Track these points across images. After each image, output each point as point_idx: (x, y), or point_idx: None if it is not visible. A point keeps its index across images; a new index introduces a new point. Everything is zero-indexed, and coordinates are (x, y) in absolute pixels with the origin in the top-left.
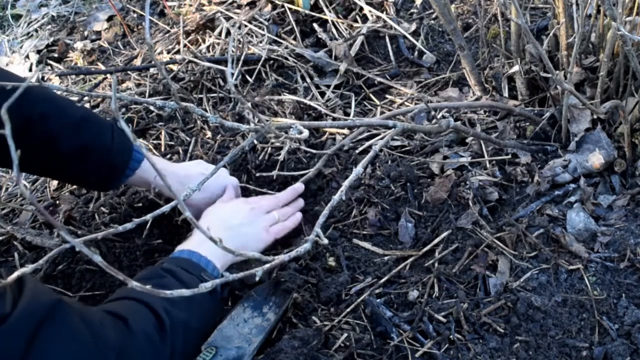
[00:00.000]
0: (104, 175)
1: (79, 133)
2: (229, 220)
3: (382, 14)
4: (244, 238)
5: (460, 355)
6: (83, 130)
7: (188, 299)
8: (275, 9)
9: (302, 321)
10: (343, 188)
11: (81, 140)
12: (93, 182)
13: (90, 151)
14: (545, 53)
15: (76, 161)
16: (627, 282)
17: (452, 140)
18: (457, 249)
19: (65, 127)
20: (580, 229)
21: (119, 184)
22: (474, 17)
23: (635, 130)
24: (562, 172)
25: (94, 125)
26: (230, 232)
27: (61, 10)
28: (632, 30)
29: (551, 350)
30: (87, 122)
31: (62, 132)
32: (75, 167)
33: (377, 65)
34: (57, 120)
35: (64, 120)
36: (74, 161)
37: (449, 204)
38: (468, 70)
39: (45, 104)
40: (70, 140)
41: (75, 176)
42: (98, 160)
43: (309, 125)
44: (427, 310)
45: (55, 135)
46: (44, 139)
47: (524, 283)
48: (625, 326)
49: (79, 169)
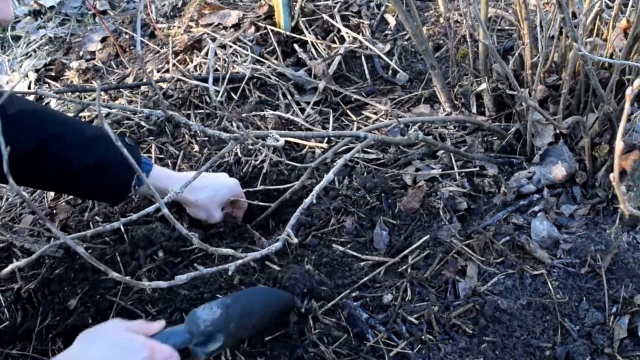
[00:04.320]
0: (117, 188)
1: (90, 151)
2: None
3: (359, 35)
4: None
5: (432, 355)
6: (94, 148)
7: None
8: (259, 31)
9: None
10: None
11: (93, 157)
12: (106, 196)
13: (102, 167)
14: (511, 72)
15: (89, 178)
16: (587, 287)
17: (424, 153)
18: (429, 256)
19: (78, 147)
20: (544, 237)
21: (129, 195)
22: (445, 38)
23: (595, 145)
24: (527, 183)
25: (104, 142)
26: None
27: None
28: (593, 50)
29: (517, 350)
30: (97, 140)
31: (75, 151)
32: (89, 183)
33: (354, 83)
34: (70, 140)
35: (76, 140)
36: (87, 178)
37: (421, 213)
38: (439, 88)
39: (58, 125)
40: (83, 158)
41: (89, 192)
42: (110, 175)
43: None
44: (400, 312)
45: (69, 155)
46: (59, 159)
47: (491, 287)
48: (586, 328)
49: (93, 185)
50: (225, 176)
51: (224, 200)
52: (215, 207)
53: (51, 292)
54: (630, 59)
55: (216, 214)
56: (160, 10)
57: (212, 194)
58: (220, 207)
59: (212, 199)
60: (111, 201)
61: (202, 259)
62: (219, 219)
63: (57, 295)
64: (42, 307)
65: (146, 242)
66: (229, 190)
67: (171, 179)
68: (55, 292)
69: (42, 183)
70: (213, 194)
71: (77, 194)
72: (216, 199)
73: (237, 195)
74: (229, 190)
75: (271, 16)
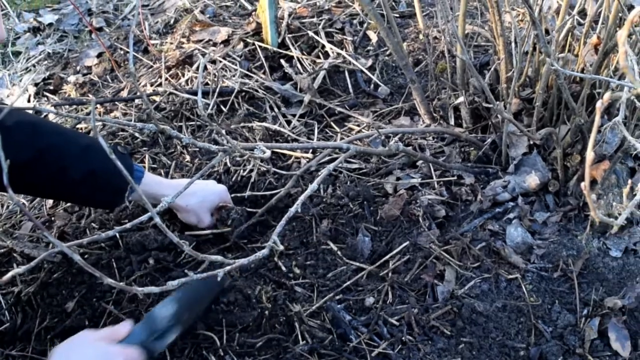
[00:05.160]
0: (111, 196)
1: (85, 160)
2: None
3: (342, 51)
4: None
5: (412, 355)
6: (89, 156)
7: None
8: (247, 47)
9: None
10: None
11: (88, 165)
12: (101, 202)
13: (96, 175)
14: (487, 86)
15: (85, 185)
16: (560, 290)
17: (404, 163)
18: (409, 260)
19: (74, 155)
20: (518, 243)
21: (124, 200)
22: (424, 53)
23: (567, 155)
24: (502, 191)
25: (98, 151)
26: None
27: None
28: (564, 65)
29: (492, 351)
30: (91, 149)
31: (71, 160)
32: (84, 191)
33: (338, 96)
34: (65, 150)
35: (72, 149)
36: (82, 186)
37: (401, 220)
38: (418, 101)
39: (54, 136)
40: (79, 166)
41: (85, 199)
42: (104, 182)
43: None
44: (382, 314)
45: (65, 164)
46: (56, 167)
47: (468, 290)
48: (558, 329)
49: (88, 193)
50: (214, 183)
51: (213, 205)
52: (204, 212)
53: (49, 295)
54: (600, 73)
55: (205, 218)
56: (153, 27)
57: (200, 199)
58: (209, 212)
59: (201, 204)
60: (107, 207)
61: (192, 265)
62: (208, 223)
63: (55, 298)
64: (41, 309)
65: (140, 248)
66: (217, 195)
67: (162, 185)
68: (53, 295)
69: (39, 191)
70: (202, 199)
71: (73, 201)
72: (205, 204)
73: (224, 201)
74: (217, 195)
75: (259, 32)
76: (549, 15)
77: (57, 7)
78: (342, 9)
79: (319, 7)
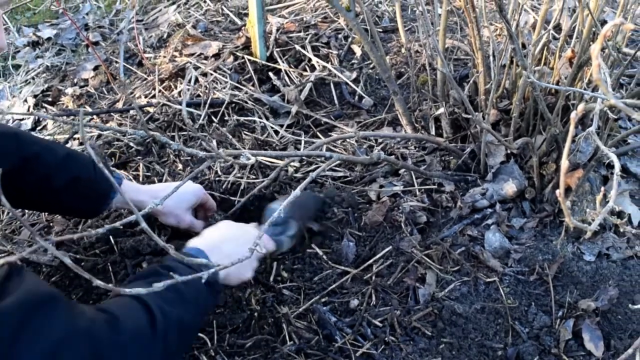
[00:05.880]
0: (92, 202)
1: (67, 168)
2: (242, 242)
3: (328, 64)
4: (240, 248)
5: (394, 355)
6: (70, 165)
7: (183, 297)
8: (237, 60)
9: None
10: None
11: (70, 173)
12: (84, 210)
13: (78, 183)
14: (466, 97)
15: (68, 193)
16: (536, 292)
17: (387, 171)
18: (392, 264)
19: (56, 164)
20: (496, 247)
21: (106, 207)
22: (406, 66)
23: (543, 163)
24: (481, 198)
25: (78, 160)
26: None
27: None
28: (540, 78)
29: (471, 351)
30: (72, 157)
31: (53, 169)
32: (67, 199)
33: (323, 107)
34: (48, 159)
35: (54, 158)
36: (65, 193)
37: (384, 226)
38: (401, 112)
39: (36, 145)
40: (61, 174)
41: (68, 206)
42: (86, 190)
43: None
44: (366, 316)
45: (48, 172)
46: (39, 176)
47: (448, 293)
48: (534, 330)
49: (71, 200)
50: (190, 183)
51: (190, 205)
52: (182, 212)
53: None
54: (574, 85)
55: (184, 218)
56: (147, 41)
57: (176, 200)
58: (187, 212)
59: (177, 204)
60: (89, 215)
61: None
62: (188, 222)
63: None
64: None
65: (134, 253)
66: (193, 195)
67: (139, 191)
68: None
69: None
70: (177, 199)
71: (57, 210)
72: (182, 204)
73: (202, 199)
74: (193, 195)
75: (248, 46)
76: (525, 30)
77: (55, 22)
78: (327, 24)
79: (306, 22)
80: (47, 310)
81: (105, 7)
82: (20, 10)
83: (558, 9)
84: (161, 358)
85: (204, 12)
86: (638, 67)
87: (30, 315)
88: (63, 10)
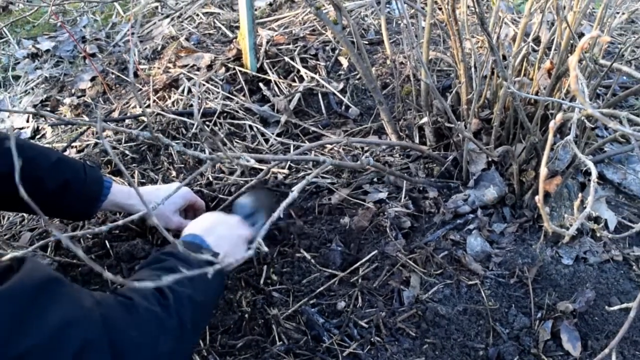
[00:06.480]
0: (83, 204)
1: (58, 172)
2: (231, 225)
3: (316, 75)
4: (229, 234)
5: (380, 355)
6: (61, 169)
7: (191, 277)
8: (228, 71)
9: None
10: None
11: (61, 177)
12: (75, 213)
13: (69, 186)
14: (449, 107)
15: (59, 196)
16: (516, 295)
17: (372, 178)
18: (377, 268)
19: (48, 168)
20: (478, 251)
21: (96, 210)
22: (391, 77)
23: (522, 170)
24: (463, 204)
25: (69, 164)
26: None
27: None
28: (520, 88)
29: (454, 351)
30: (63, 162)
31: (45, 173)
32: (59, 202)
33: (312, 117)
34: (40, 163)
35: (46, 163)
36: (57, 196)
37: (370, 230)
38: (386, 121)
39: (29, 150)
40: (53, 178)
41: (60, 208)
42: (77, 193)
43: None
44: (352, 317)
45: (41, 176)
46: (32, 180)
47: (431, 295)
48: (514, 331)
49: (63, 203)
50: (176, 184)
51: (177, 208)
52: (170, 214)
53: None
54: (553, 95)
55: (172, 220)
56: (142, 53)
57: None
58: (175, 214)
59: (165, 207)
60: (81, 217)
61: None
62: (176, 224)
63: None
64: None
65: (129, 257)
66: (180, 197)
67: (129, 195)
68: None
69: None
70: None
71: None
72: (169, 207)
73: (189, 201)
74: (180, 197)
75: (239, 58)
76: (506, 42)
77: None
78: (315, 37)
79: (295, 35)
80: (53, 290)
81: (101, 20)
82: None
83: (537, 22)
84: (178, 335)
85: (197, 25)
86: (614, 78)
87: (36, 294)
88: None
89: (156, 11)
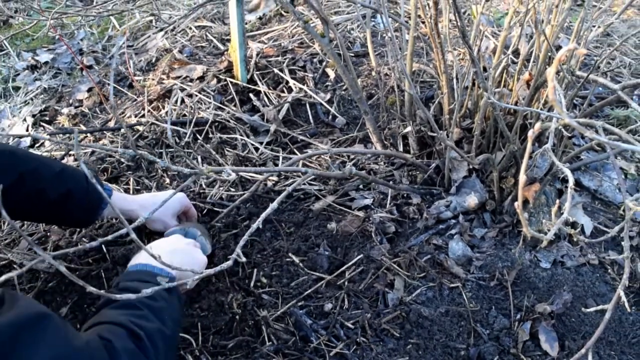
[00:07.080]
0: (85, 213)
1: (61, 182)
2: (174, 244)
3: (304, 86)
4: (188, 257)
5: (365, 355)
6: (64, 178)
7: (154, 310)
8: (220, 82)
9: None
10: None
11: (64, 186)
12: (76, 220)
13: (72, 195)
14: (432, 117)
15: (62, 205)
16: (496, 297)
17: (358, 185)
18: (363, 271)
19: (51, 178)
20: (459, 255)
21: (97, 217)
22: (376, 88)
23: (502, 178)
24: (445, 210)
25: (72, 174)
26: (176, 252)
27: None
28: (500, 99)
29: (436, 351)
30: (65, 172)
31: (48, 183)
32: (61, 210)
33: (300, 126)
34: (43, 174)
35: (49, 173)
36: (60, 205)
37: (356, 235)
38: (371, 131)
39: (32, 161)
40: (55, 188)
41: (62, 217)
42: (79, 201)
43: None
44: (339, 319)
45: (43, 186)
46: (35, 190)
47: (415, 297)
48: (494, 331)
49: (65, 211)
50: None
51: (175, 212)
52: (168, 218)
53: (45, 301)
54: (531, 105)
55: (170, 224)
56: (137, 65)
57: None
58: (172, 218)
59: (163, 211)
60: (81, 225)
61: None
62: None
63: (50, 305)
64: None
65: (125, 260)
66: (177, 202)
67: (127, 201)
68: (48, 301)
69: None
70: (164, 207)
71: (51, 221)
72: (167, 211)
73: (185, 206)
74: (177, 202)
75: (230, 70)
76: (486, 55)
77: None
78: (303, 49)
79: (284, 48)
80: (42, 327)
81: (98, 33)
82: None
83: (516, 35)
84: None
85: (190, 38)
86: (590, 88)
87: (23, 331)
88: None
89: (151, 25)
